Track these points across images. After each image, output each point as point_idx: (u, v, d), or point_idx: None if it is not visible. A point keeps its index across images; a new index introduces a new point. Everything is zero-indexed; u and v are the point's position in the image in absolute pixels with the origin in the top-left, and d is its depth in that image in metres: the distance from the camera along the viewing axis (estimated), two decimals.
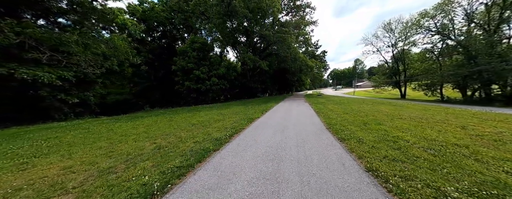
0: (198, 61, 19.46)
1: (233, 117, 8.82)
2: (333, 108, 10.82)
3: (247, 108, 12.97)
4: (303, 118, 7.87)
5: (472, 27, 18.78)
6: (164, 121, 8.63)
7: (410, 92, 29.55)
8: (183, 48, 19.18)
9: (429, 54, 23.31)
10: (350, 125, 6.14)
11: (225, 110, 12.07)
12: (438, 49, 22.23)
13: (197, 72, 18.05)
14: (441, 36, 21.10)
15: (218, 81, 19.93)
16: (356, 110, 9.51)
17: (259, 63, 20.28)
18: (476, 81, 17.24)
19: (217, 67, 20.04)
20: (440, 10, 19.94)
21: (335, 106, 12.11)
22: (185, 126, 7.09)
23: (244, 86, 34.85)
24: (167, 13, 25.90)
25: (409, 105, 12.71)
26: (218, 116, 9.36)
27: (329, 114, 8.79)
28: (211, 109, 13.69)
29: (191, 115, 10.37)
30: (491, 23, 17.21)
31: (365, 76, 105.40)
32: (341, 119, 7.40)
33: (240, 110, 11.57)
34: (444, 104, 16.08)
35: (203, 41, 19.71)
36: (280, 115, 8.90)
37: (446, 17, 20.00)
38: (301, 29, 31.15)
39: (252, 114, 9.31)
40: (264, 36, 22.19)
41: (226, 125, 6.97)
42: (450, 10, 19.76)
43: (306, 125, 6.48)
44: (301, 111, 10.25)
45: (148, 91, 26.91)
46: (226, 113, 10.55)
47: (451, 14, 19.70)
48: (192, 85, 18.33)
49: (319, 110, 10.25)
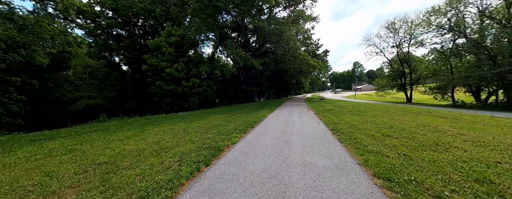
0: (175, 59, 15.67)
1: (186, 145, 4.87)
2: (354, 121, 7.05)
3: (230, 119, 9.18)
4: (315, 148, 4.02)
5: (488, 24, 16.35)
6: (54, 155, 4.72)
7: (416, 96, 27.50)
8: (156, 43, 15.34)
9: (439, 55, 21.14)
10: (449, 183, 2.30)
11: (193, 124, 8.24)
12: (448, 49, 19.88)
13: (169, 70, 14.15)
14: (455, 34, 18.59)
15: (200, 83, 16.09)
16: (399, 127, 5.73)
17: (250, 61, 16.56)
18: (495, 84, 15.40)
19: (199, 66, 16.21)
20: (452, 6, 17.78)
21: (354, 117, 8.34)
22: (70, 171, 3.18)
23: (237, 90, 31.11)
24: (146, 4, 22.25)
25: (458, 114, 9.02)
26: (168, 139, 5.51)
27: (356, 135, 4.98)
28: (175, 121, 9.79)
29: (123, 137, 6.41)
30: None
31: (365, 79, 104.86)
32: (394, 154, 3.52)
33: (216, 124, 7.76)
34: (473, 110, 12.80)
35: (182, 33, 15.96)
36: (271, 138, 5.07)
37: (458, 14, 17.87)
38: (300, 25, 27.71)
39: (226, 136, 5.48)
40: (258, 29, 18.63)
41: (154, 169, 3.16)
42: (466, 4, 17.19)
43: (328, 179, 2.62)
44: (307, 126, 6.44)
45: (123, 96, 22.98)
46: (189, 131, 6.71)
47: (463, 11, 17.64)
48: (165, 86, 14.45)
49: (333, 125, 6.47)
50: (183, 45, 16.16)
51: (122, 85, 21.68)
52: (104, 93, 22.03)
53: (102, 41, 23.60)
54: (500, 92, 15.92)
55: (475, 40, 16.51)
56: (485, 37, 15.99)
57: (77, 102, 24.09)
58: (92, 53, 24.60)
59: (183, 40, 16.03)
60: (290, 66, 32.29)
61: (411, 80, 25.61)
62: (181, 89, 14.63)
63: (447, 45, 19.99)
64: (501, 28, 14.93)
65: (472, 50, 17.09)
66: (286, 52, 21.98)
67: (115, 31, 24.87)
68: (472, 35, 17.34)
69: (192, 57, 16.17)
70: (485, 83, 16.17)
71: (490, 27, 16.18)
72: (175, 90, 14.62)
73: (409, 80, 25.89)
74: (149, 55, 15.31)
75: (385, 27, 27.03)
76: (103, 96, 24.75)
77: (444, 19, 19.08)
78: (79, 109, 22.86)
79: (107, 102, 24.79)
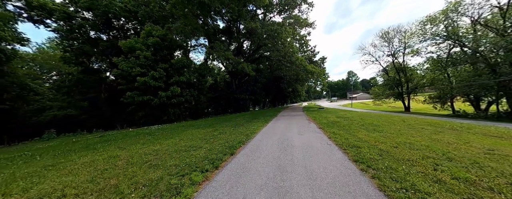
0: (153, 63, 13.40)
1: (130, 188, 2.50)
2: (378, 142, 4.77)
3: (209, 136, 6.86)
4: None
5: (485, 33, 16.50)
6: None
7: (414, 105, 27.67)
8: (129, 44, 13.08)
9: (435, 64, 21.15)
10: None
11: (152, 146, 5.82)
12: (444, 59, 19.94)
13: (141, 79, 11.71)
14: (453, 42, 18.38)
15: (181, 92, 13.71)
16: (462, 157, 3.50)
17: (241, 65, 14.44)
18: (494, 94, 15.41)
19: (182, 72, 13.94)
20: (447, 16, 17.99)
21: (374, 134, 6.09)
22: None
23: (230, 98, 28.84)
24: (128, 5, 20.31)
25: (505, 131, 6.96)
26: (76, 184, 3.07)
27: (407, 177, 2.70)
28: (133, 141, 7.31)
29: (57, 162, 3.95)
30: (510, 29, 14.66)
31: (359, 88, 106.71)
32: None
33: (185, 146, 5.40)
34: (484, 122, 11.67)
35: (163, 33, 13.84)
36: (258, 185, 2.76)
37: (453, 24, 18.13)
38: (296, 30, 26.29)
39: (179, 179, 3.10)
40: (251, 31, 16.81)
41: None
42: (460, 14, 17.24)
43: None
44: (314, 153, 4.02)
45: (96, 106, 20.22)
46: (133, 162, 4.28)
47: (457, 21, 17.94)
48: (137, 97, 11.98)
49: (353, 150, 4.17)
50: (164, 48, 13.96)
51: (95, 92, 19.02)
52: (73, 103, 19.27)
53: (79, 45, 21.28)
54: (503, 101, 15.71)
55: (474, 49, 16.32)
56: (485, 46, 15.85)
57: (44, 113, 21.13)
58: (68, 58, 22.15)
59: (163, 42, 13.87)
60: (286, 73, 30.55)
61: (408, 89, 25.54)
62: (157, 101, 12.17)
63: (443, 55, 20.08)
64: (498, 37, 14.78)
65: (470, 59, 16.96)
66: (281, 57, 20.11)
67: (96, 34, 22.70)
68: (468, 44, 17.20)
69: (174, 62, 13.90)
70: (487, 93, 16.03)
71: (484, 36, 16.15)
72: (150, 101, 12.14)
73: (406, 89, 25.79)
74: (122, 58, 12.97)
75: (380, 37, 26.89)
76: (76, 106, 21.86)
77: (440, 27, 19.05)
78: (45, 121, 19.86)
79: (79, 112, 21.87)
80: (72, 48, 21.57)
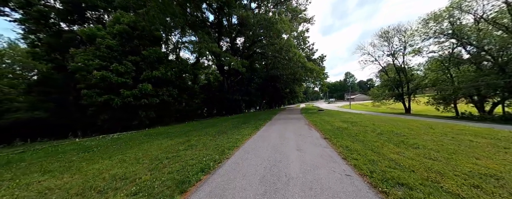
0: (120, 56, 10.98)
1: None
2: (432, 173, 2.42)
3: (175, 150, 4.65)
4: None
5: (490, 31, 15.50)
6: None
7: (414, 106, 26.95)
8: (90, 32, 10.61)
9: (438, 64, 20.29)
10: None
11: (81, 167, 3.43)
12: (447, 58, 18.90)
13: (98, 74, 9.17)
14: (458, 41, 17.05)
15: (156, 91, 11.28)
16: None
17: (228, 59, 12.11)
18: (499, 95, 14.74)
19: (156, 66, 11.52)
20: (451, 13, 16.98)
21: (408, 152, 3.76)
22: None
23: (222, 99, 26.46)
24: None
25: None
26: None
27: None
28: (55, 159, 4.89)
29: None
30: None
31: (356, 89, 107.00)
32: None
33: (124, 174, 3.00)
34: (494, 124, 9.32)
35: (132, 20, 11.38)
36: None
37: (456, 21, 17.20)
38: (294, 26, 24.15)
39: None
40: (243, 22, 14.53)
41: None
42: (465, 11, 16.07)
43: None
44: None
45: (65, 107, 17.54)
46: None
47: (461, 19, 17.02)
48: (97, 97, 9.52)
49: (398, 190, 1.94)
50: (134, 38, 11.55)
51: (60, 93, 16.39)
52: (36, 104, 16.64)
53: (47, 38, 18.68)
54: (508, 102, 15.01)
55: (481, 48, 15.36)
56: (493, 44, 14.90)
57: (6, 114, 18.36)
58: (38, 54, 19.51)
59: (134, 31, 11.47)
60: (283, 72, 28.42)
61: (409, 90, 24.65)
62: (119, 101, 9.69)
63: (446, 54, 19.09)
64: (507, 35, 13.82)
65: (475, 59, 16.03)
66: (277, 53, 17.87)
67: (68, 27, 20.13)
68: (474, 42, 15.83)
69: (146, 54, 11.45)
70: (494, 93, 15.28)
71: (488, 34, 15.25)
72: (112, 102, 9.66)
73: (407, 90, 24.88)
74: (81, 50, 10.51)
75: (379, 36, 26.02)
76: (45, 108, 19.13)
77: (444, 25, 18.03)
78: (5, 126, 17.12)
79: (48, 115, 19.13)
80: (42, 43, 19.04)
